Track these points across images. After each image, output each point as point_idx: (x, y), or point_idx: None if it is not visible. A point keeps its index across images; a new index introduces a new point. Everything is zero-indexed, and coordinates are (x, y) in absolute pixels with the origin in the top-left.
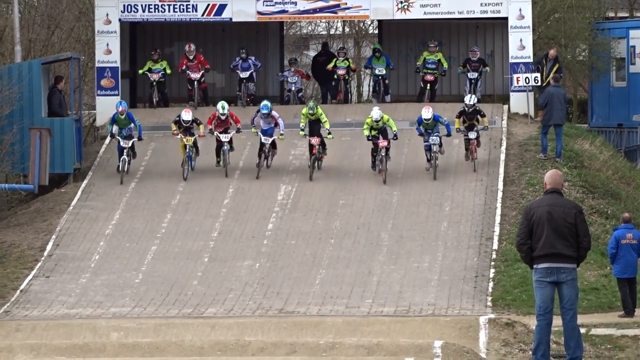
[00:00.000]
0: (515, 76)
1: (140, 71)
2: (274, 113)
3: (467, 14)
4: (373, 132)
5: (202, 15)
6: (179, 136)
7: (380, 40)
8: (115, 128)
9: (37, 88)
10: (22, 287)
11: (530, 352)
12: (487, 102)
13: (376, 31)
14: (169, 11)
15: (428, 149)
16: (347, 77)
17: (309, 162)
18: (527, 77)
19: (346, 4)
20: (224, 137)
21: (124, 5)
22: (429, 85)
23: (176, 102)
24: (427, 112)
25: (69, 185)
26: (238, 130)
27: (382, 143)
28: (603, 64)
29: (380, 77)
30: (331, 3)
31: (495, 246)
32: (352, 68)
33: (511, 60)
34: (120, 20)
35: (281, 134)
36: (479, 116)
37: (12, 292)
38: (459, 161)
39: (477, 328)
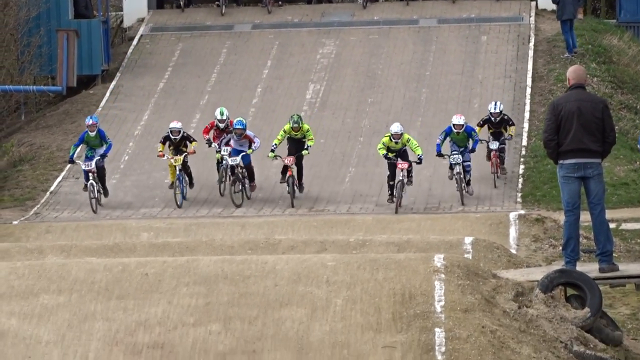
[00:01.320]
0: None
1: None
2: (248, 132)
3: None
4: (390, 154)
5: None
6: (164, 157)
7: None
8: (79, 150)
9: None
10: (51, 188)
11: (561, 248)
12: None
13: None
14: None
15: (451, 167)
16: None
17: (288, 189)
18: None
19: None
20: (225, 150)
21: None
22: None
23: (202, 2)
24: (459, 118)
25: (97, 86)
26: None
27: (402, 165)
28: None
29: None
30: None
31: (524, 143)
32: None
33: None
34: None
35: (250, 149)
36: (507, 125)
37: (41, 193)
38: (486, 57)
39: (507, 224)
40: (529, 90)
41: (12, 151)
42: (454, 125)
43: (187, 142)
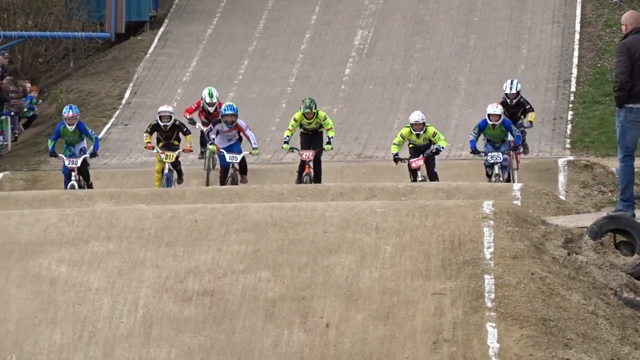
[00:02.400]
0: None
1: None
2: (240, 122)
3: None
4: (410, 146)
5: None
6: (154, 150)
7: None
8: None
9: None
10: (100, 135)
11: (609, 194)
12: None
13: None
14: None
15: (490, 165)
16: None
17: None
18: None
19: None
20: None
21: None
22: None
23: None
24: (494, 107)
25: (146, 32)
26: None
27: (416, 163)
28: None
29: None
30: None
31: (573, 88)
32: None
33: None
34: None
35: (254, 149)
36: (524, 110)
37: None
38: (534, 3)
39: (555, 170)
40: (577, 36)
41: (61, 98)
42: (489, 115)
43: (180, 134)
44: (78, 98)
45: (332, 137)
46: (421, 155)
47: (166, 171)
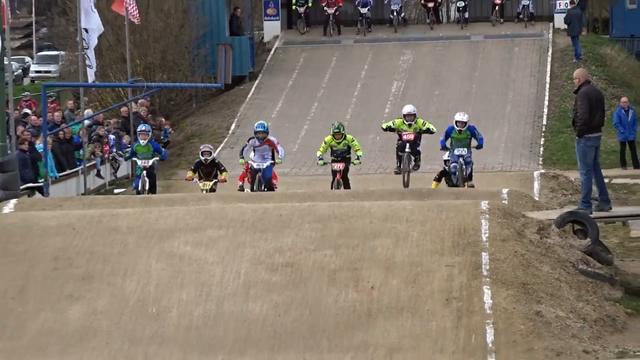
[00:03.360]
0: (557, 2)
1: (294, 3)
2: (271, 137)
3: None
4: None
5: None
6: (193, 180)
7: None
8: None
9: (221, 16)
10: (214, 155)
11: (569, 196)
12: (539, 21)
13: None
14: None
15: (454, 172)
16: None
17: (333, 187)
18: (565, 2)
19: None
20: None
21: None
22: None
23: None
24: (462, 115)
25: (246, 83)
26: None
27: (408, 136)
28: None
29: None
30: None
31: (544, 122)
32: None
33: None
34: None
35: (279, 159)
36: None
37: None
38: (518, 63)
39: (532, 180)
40: (547, 86)
41: (186, 129)
42: (456, 122)
43: (218, 172)
44: (198, 129)
45: (360, 155)
46: (412, 132)
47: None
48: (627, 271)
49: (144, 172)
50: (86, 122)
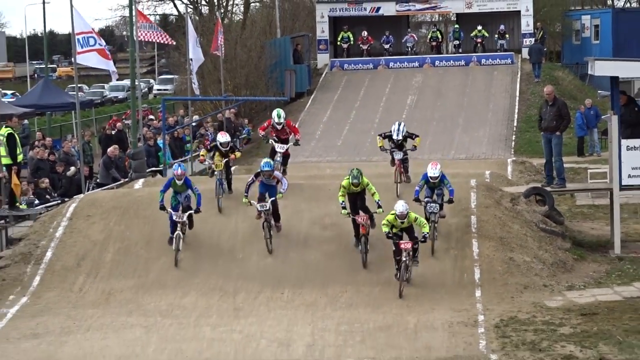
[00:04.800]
0: (524, 40)
1: (338, 40)
2: (276, 173)
3: (497, 8)
4: (394, 230)
5: (369, 11)
6: (206, 162)
7: (457, 22)
8: (166, 197)
9: (287, 50)
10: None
11: (533, 176)
12: (510, 51)
13: (454, 18)
14: (353, 11)
15: (428, 218)
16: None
17: (360, 245)
18: (529, 40)
19: (438, 4)
20: (280, 148)
21: (330, 8)
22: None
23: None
24: (434, 170)
25: (304, 98)
26: (296, 143)
27: (405, 245)
28: (568, 32)
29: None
30: (432, 4)
31: (515, 124)
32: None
33: (522, 31)
34: (328, 16)
35: (279, 192)
36: (411, 138)
37: None
38: (496, 82)
39: (506, 165)
40: (517, 99)
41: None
42: (430, 177)
43: (232, 150)
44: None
45: (379, 200)
46: (410, 241)
47: (219, 176)
48: (573, 229)
49: (179, 226)
50: (193, 124)
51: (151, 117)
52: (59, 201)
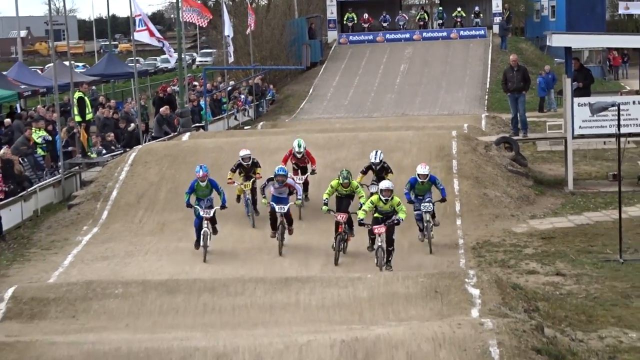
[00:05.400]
0: (494, 18)
1: (344, 20)
2: (289, 180)
3: None
4: (376, 215)
5: None
6: (235, 184)
7: (441, 5)
8: (193, 199)
9: (304, 28)
10: (301, 106)
11: (502, 128)
12: (483, 27)
13: (438, 1)
14: None
15: (420, 218)
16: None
17: (334, 244)
18: (498, 18)
19: None
20: (299, 179)
21: None
22: None
23: (359, 31)
24: (423, 168)
25: (317, 67)
26: (313, 172)
27: (379, 229)
28: (531, 12)
29: None
30: None
31: (487, 86)
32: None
33: (493, 12)
34: (336, 0)
35: (298, 199)
36: (387, 172)
37: (297, 109)
38: (472, 52)
39: (481, 119)
40: (489, 66)
41: (284, 92)
42: (418, 175)
43: (254, 170)
44: (291, 92)
45: (364, 204)
46: (383, 224)
47: (247, 196)
48: (535, 170)
49: (206, 223)
50: (228, 88)
51: (195, 83)
52: (122, 151)
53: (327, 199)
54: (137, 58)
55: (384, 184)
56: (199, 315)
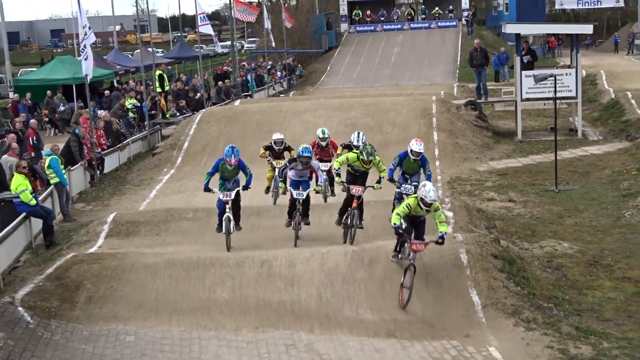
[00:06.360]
0: (463, 12)
1: (352, 15)
2: (313, 162)
3: None
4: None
5: None
6: (267, 159)
7: (424, 4)
8: (212, 180)
9: (323, 21)
10: (321, 79)
11: (469, 94)
12: (455, 19)
13: (422, 0)
14: None
15: (399, 198)
16: None
17: (341, 219)
18: (466, 13)
19: None
20: (324, 166)
21: None
22: None
23: (365, 24)
24: (418, 145)
25: (333, 50)
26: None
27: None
28: (490, 7)
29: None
30: None
31: (458, 63)
32: None
33: (462, 8)
34: (347, 1)
35: (318, 185)
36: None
37: (318, 81)
38: (446, 38)
39: (453, 87)
40: (459, 48)
41: (309, 69)
42: (411, 151)
43: (287, 152)
44: (314, 69)
45: (383, 177)
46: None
47: (276, 183)
48: (493, 124)
49: (228, 208)
50: (268, 67)
51: (243, 63)
52: (191, 113)
53: (339, 168)
54: (201, 45)
55: (430, 195)
56: (248, 232)
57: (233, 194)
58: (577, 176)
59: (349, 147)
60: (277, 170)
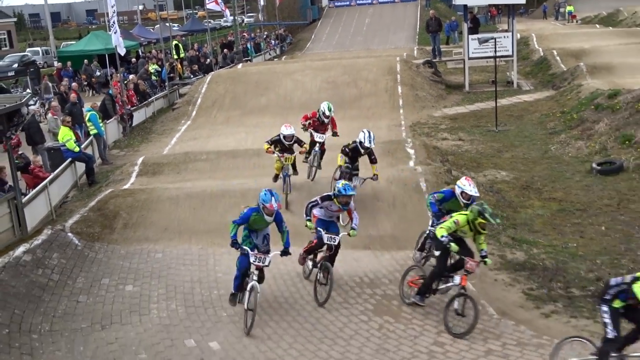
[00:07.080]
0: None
1: None
2: (352, 205)
3: None
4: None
5: None
6: (274, 155)
7: None
8: (240, 231)
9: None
10: (307, 46)
11: (427, 55)
12: None
13: None
14: None
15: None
16: None
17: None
18: None
19: None
20: (319, 137)
21: None
22: None
23: None
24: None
25: (317, 22)
26: (334, 134)
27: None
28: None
29: None
30: None
31: (417, 30)
32: None
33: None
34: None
35: (352, 229)
36: (370, 159)
37: (305, 47)
38: (407, 11)
39: (414, 49)
40: (418, 18)
41: (297, 37)
42: (462, 193)
43: (298, 145)
44: (302, 37)
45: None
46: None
47: (285, 172)
48: (446, 79)
49: (256, 271)
50: (263, 36)
51: (244, 34)
52: (202, 75)
53: (446, 235)
54: (209, 20)
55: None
56: (251, 169)
57: (268, 260)
58: (512, 119)
59: (353, 150)
60: (284, 168)
